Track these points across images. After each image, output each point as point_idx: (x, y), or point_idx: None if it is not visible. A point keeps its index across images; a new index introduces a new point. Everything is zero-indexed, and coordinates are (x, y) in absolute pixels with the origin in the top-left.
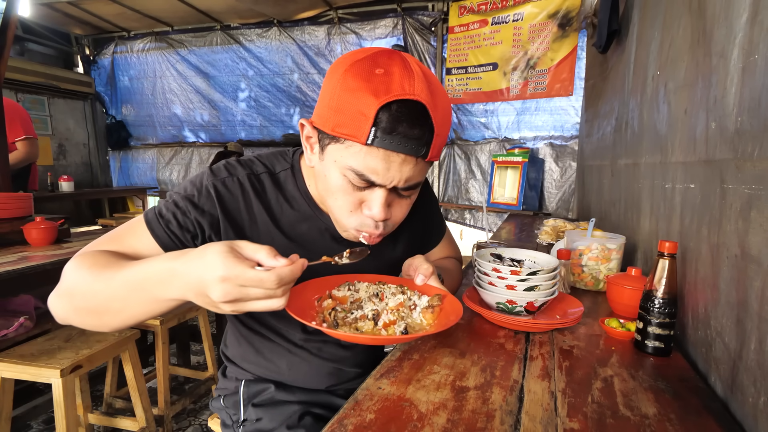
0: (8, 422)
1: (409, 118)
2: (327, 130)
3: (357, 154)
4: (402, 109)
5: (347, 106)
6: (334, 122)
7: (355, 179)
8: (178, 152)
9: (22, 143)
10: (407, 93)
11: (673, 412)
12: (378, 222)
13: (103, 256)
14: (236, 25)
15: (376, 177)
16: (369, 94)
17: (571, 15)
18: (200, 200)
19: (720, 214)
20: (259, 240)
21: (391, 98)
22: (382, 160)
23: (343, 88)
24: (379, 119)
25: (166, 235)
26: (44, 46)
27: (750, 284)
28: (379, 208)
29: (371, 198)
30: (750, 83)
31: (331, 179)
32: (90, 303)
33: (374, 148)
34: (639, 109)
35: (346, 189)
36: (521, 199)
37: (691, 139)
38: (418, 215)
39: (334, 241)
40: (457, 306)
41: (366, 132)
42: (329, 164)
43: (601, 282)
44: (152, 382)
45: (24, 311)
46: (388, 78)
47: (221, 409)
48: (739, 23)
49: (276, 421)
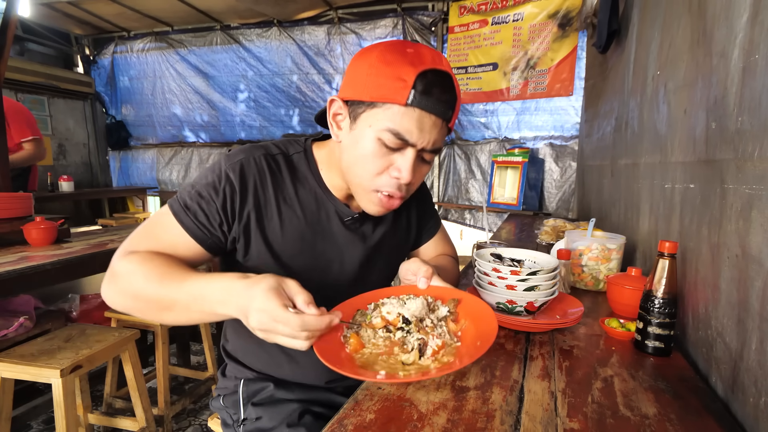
0: (8, 422)
1: (441, 85)
2: (365, 98)
3: (395, 115)
4: (436, 77)
5: (386, 74)
6: (373, 89)
7: (390, 140)
8: (178, 152)
9: (29, 144)
10: (438, 65)
11: (674, 412)
12: (402, 184)
13: (159, 262)
14: (236, 25)
15: (411, 136)
16: (407, 64)
17: (571, 15)
18: (221, 186)
19: (720, 214)
20: (272, 218)
21: (426, 67)
22: (417, 120)
23: (382, 61)
24: (417, 83)
25: (196, 227)
26: (44, 46)
27: (751, 284)
28: (409, 169)
29: (401, 160)
30: (750, 83)
31: (363, 144)
32: (154, 306)
33: (411, 108)
34: (639, 109)
35: (377, 152)
36: (521, 199)
37: (690, 139)
38: (414, 208)
39: (341, 224)
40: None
41: (406, 94)
42: (363, 131)
43: (601, 282)
44: (152, 382)
45: (24, 311)
46: (420, 54)
47: (221, 409)
48: (739, 23)
49: (276, 420)
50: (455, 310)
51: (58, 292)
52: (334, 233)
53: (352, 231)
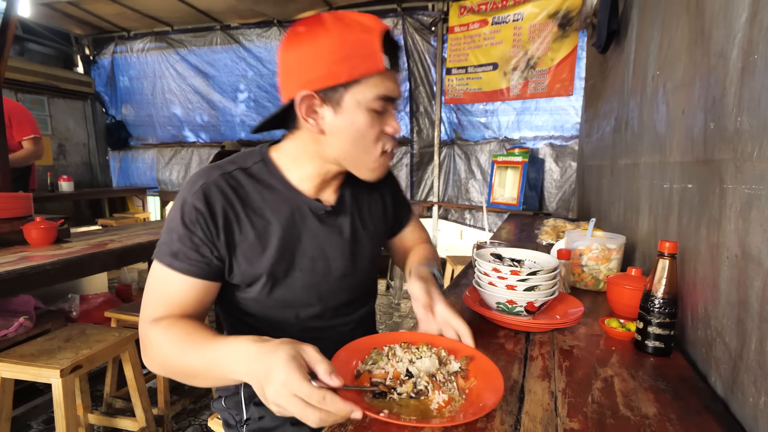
0: (8, 422)
1: (393, 40)
2: (342, 80)
3: (378, 82)
4: (388, 36)
5: (355, 52)
6: (349, 68)
7: (381, 106)
8: (178, 152)
9: (29, 142)
10: (383, 25)
11: (673, 412)
12: (394, 135)
13: (179, 330)
14: (236, 25)
15: (396, 93)
16: (364, 33)
17: (572, 15)
18: (194, 218)
19: (719, 214)
20: (247, 232)
21: (378, 31)
22: (393, 79)
23: (343, 41)
24: (384, 48)
25: (195, 267)
26: (44, 46)
27: (750, 284)
28: (396, 120)
29: (388, 117)
30: (750, 83)
31: (359, 122)
32: (180, 374)
33: (388, 71)
34: (638, 109)
35: (372, 122)
36: (521, 199)
37: (689, 139)
38: (387, 195)
39: (316, 220)
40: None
41: (380, 60)
42: (352, 110)
43: (601, 282)
44: (152, 382)
45: (24, 311)
46: (361, 23)
47: (223, 410)
48: (738, 23)
49: (279, 419)
50: (467, 367)
51: (58, 292)
52: (311, 231)
53: (328, 225)
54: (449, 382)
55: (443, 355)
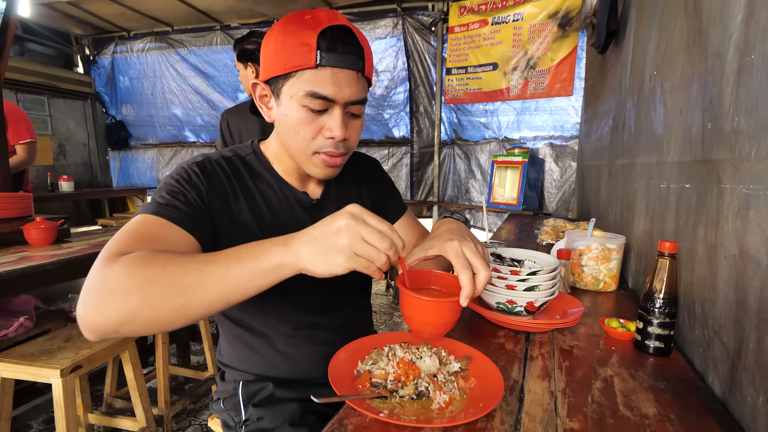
0: (8, 422)
1: (342, 38)
2: (279, 72)
3: (310, 78)
4: (335, 33)
5: (291, 44)
6: (284, 61)
7: (313, 103)
8: (178, 152)
9: (23, 147)
10: (334, 21)
11: (673, 412)
12: (338, 143)
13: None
14: (236, 25)
15: (330, 94)
16: (306, 29)
17: (572, 15)
18: (191, 179)
19: (717, 214)
20: (241, 211)
21: (324, 26)
22: (331, 78)
23: (284, 33)
24: (319, 44)
25: (182, 216)
26: (44, 46)
27: (749, 284)
28: (339, 126)
29: (330, 120)
30: (747, 83)
31: (291, 116)
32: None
33: (322, 68)
34: (636, 109)
35: (305, 119)
36: (521, 199)
37: (686, 139)
38: (372, 191)
39: (304, 213)
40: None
41: (313, 56)
42: (287, 103)
43: (601, 282)
44: (152, 382)
45: (24, 311)
46: (316, 17)
47: (222, 412)
48: (734, 23)
49: (278, 419)
50: (467, 367)
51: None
52: (298, 223)
53: (315, 218)
54: (449, 382)
55: (443, 355)
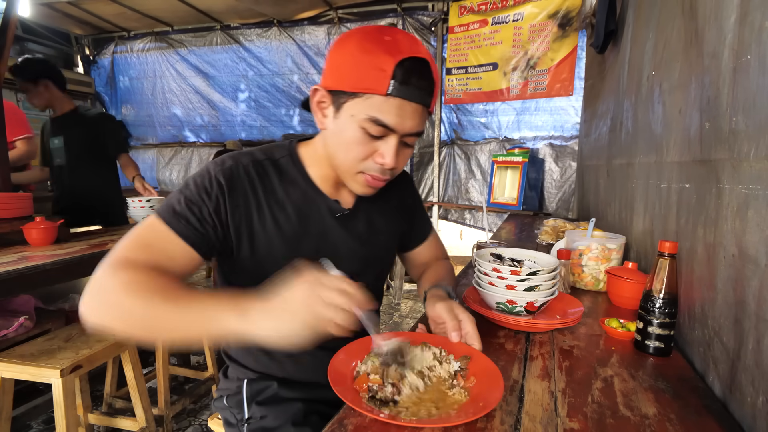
0: (8, 422)
1: (419, 72)
2: (346, 88)
3: (376, 104)
4: (414, 65)
5: (366, 64)
6: (354, 80)
7: (372, 128)
8: (178, 152)
9: (23, 142)
10: (415, 52)
11: (673, 412)
12: (386, 169)
13: (163, 279)
14: (236, 25)
15: (392, 124)
16: (384, 53)
17: (571, 15)
18: (212, 190)
19: (716, 214)
20: (264, 224)
21: (404, 56)
22: (397, 109)
23: (361, 50)
24: (396, 73)
25: (190, 232)
26: (44, 46)
27: (748, 284)
28: (392, 155)
29: (384, 147)
30: (743, 83)
31: (347, 134)
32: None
33: (392, 97)
34: (633, 109)
35: (360, 140)
36: (521, 199)
37: (685, 139)
38: (405, 210)
39: (334, 221)
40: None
41: (386, 84)
42: (345, 120)
43: (601, 282)
44: (152, 382)
45: (24, 311)
46: (397, 42)
47: (224, 409)
48: (728, 24)
49: (281, 419)
50: (467, 367)
51: (58, 292)
52: (326, 230)
53: (344, 227)
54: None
55: (443, 355)
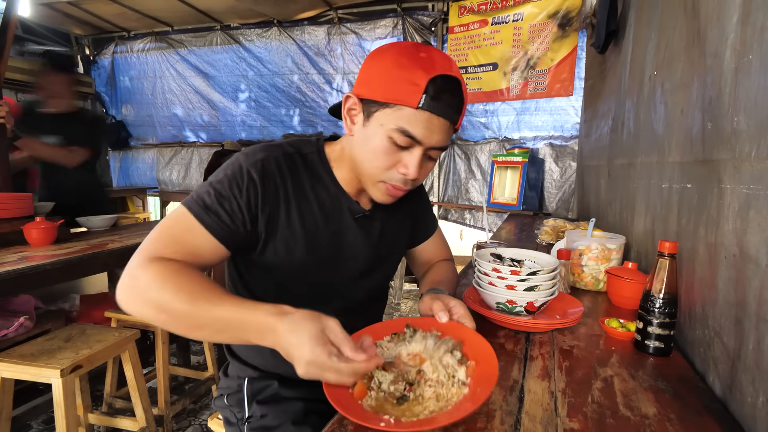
0: (8, 422)
1: (450, 90)
2: (378, 98)
3: (407, 116)
4: (445, 82)
5: (400, 78)
6: (387, 90)
7: (399, 139)
8: (178, 152)
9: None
10: (448, 70)
11: (673, 412)
12: (408, 179)
13: (188, 277)
14: (236, 25)
15: (420, 137)
16: (419, 68)
17: (571, 15)
18: (243, 184)
19: (718, 214)
20: (290, 218)
21: (437, 72)
22: (426, 122)
23: (396, 64)
24: (428, 88)
25: (220, 228)
26: (44, 46)
27: (749, 284)
28: (416, 166)
29: (409, 158)
30: (745, 83)
31: (374, 142)
32: (182, 323)
33: (422, 111)
34: (635, 109)
35: (387, 149)
36: (521, 199)
37: (687, 139)
38: (415, 209)
39: (353, 221)
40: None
41: (418, 98)
42: (374, 128)
43: (601, 282)
44: (152, 382)
45: (24, 311)
46: (432, 59)
47: (225, 408)
48: (730, 24)
49: (281, 418)
50: (462, 351)
51: (58, 292)
52: (344, 230)
53: (362, 228)
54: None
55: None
